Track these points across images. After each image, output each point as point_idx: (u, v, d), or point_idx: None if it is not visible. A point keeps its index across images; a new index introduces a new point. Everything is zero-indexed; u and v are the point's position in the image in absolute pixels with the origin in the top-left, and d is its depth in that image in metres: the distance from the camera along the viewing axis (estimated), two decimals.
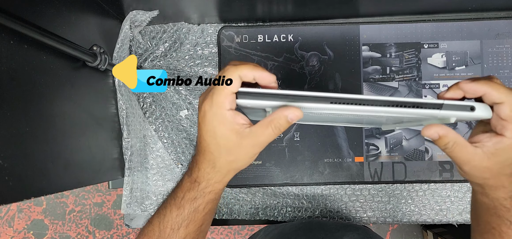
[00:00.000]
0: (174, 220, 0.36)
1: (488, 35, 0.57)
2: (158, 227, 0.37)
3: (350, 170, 0.58)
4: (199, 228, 0.38)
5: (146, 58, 0.59)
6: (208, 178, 0.36)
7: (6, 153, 0.31)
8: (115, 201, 1.47)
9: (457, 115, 0.32)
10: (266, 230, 0.52)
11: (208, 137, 0.34)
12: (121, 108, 0.53)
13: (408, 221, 0.59)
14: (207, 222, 0.39)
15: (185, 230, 0.36)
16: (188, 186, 0.37)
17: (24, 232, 1.47)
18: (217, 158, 0.34)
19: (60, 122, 0.40)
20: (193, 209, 0.36)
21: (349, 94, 0.31)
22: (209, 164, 0.35)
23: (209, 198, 0.37)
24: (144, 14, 0.54)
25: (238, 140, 0.33)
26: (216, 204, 0.39)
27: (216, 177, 0.36)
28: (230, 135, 0.32)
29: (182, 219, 0.36)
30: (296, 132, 0.58)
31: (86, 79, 0.47)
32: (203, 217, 0.37)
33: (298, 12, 0.57)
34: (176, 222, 0.36)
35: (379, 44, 0.58)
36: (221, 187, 0.37)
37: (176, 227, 0.36)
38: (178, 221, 0.36)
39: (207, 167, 0.36)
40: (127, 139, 0.53)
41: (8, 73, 0.32)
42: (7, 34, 0.32)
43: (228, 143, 0.33)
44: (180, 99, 0.60)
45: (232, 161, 0.35)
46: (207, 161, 0.35)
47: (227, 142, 0.33)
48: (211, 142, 0.34)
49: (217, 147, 0.34)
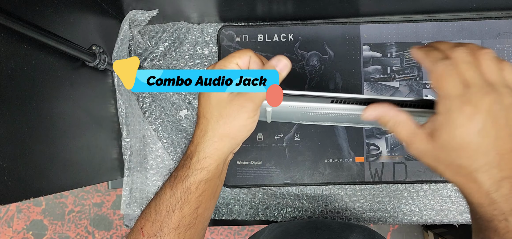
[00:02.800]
0: (168, 201, 0.35)
1: (489, 34, 0.57)
2: (154, 210, 0.36)
3: (351, 170, 0.58)
4: (195, 211, 0.36)
5: (146, 58, 0.59)
6: (199, 150, 0.35)
7: (5, 153, 0.31)
8: (114, 201, 1.47)
9: None
10: (270, 228, 0.52)
11: (203, 100, 0.35)
12: (121, 108, 0.53)
13: (409, 221, 0.59)
14: (204, 205, 0.37)
15: (180, 212, 0.35)
16: (182, 164, 0.36)
17: (24, 232, 1.47)
18: (209, 121, 0.35)
19: (59, 122, 0.40)
20: (185, 189, 0.35)
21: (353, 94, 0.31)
22: (201, 132, 0.35)
23: (201, 176, 0.35)
24: (143, 13, 0.54)
25: (229, 97, 0.34)
26: (211, 186, 0.37)
27: (207, 150, 0.35)
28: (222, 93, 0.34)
29: (175, 200, 0.35)
30: (296, 132, 0.58)
31: (86, 79, 0.46)
32: (196, 199, 0.36)
33: (298, 11, 0.57)
34: (170, 203, 0.35)
35: (380, 43, 0.58)
36: (214, 164, 0.36)
37: (171, 209, 0.35)
38: (172, 203, 0.35)
39: (199, 136, 0.35)
40: (127, 139, 0.53)
41: (7, 73, 0.31)
42: (6, 33, 0.31)
43: (219, 101, 0.34)
44: (179, 99, 0.60)
45: (224, 124, 0.34)
46: (199, 130, 0.35)
47: (218, 100, 0.34)
48: (205, 104, 0.35)
49: (209, 107, 0.34)
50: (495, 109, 0.26)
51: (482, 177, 0.27)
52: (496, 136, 0.26)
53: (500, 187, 0.27)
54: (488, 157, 0.27)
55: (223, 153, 0.36)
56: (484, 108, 0.26)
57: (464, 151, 0.27)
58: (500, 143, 0.26)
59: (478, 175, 0.27)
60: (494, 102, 0.26)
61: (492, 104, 0.26)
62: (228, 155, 0.38)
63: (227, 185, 0.59)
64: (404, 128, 0.30)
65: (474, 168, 0.27)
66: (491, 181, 0.27)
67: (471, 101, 0.26)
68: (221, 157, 0.36)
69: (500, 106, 0.26)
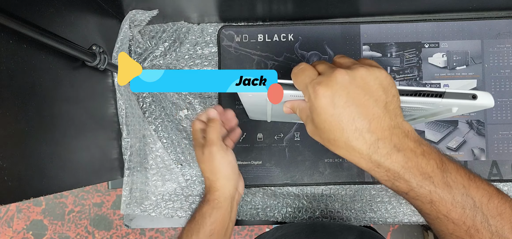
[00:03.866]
0: (188, 225, 0.45)
1: (489, 34, 0.57)
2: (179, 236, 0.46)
3: (351, 170, 0.58)
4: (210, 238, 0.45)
5: (146, 58, 0.59)
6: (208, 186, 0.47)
7: (5, 153, 0.31)
8: (114, 201, 1.46)
9: (459, 104, 0.32)
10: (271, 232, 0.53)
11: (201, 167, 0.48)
12: (121, 108, 0.53)
13: (409, 221, 0.59)
14: (217, 233, 0.45)
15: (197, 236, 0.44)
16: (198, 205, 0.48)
17: (24, 233, 1.47)
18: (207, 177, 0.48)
19: (59, 122, 0.40)
20: (201, 215, 0.45)
21: None
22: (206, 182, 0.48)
23: (213, 205, 0.45)
24: (143, 13, 0.54)
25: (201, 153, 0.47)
26: (222, 215, 0.46)
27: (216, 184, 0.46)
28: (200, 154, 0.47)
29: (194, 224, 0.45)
30: (296, 132, 0.58)
31: (86, 79, 0.46)
32: (211, 224, 0.44)
33: (298, 11, 0.57)
34: (189, 228, 0.45)
35: (380, 43, 0.58)
36: (222, 196, 0.46)
37: (189, 234, 0.44)
38: (191, 227, 0.45)
39: (206, 185, 0.48)
40: (127, 138, 0.53)
41: (7, 73, 0.31)
42: (6, 34, 0.31)
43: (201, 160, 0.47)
44: (179, 99, 0.60)
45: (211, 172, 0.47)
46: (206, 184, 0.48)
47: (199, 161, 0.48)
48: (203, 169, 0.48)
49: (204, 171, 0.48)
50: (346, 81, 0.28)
51: (357, 143, 0.28)
52: (357, 103, 0.28)
53: (377, 148, 0.28)
54: (355, 123, 0.28)
55: (226, 187, 0.46)
56: (334, 83, 0.28)
57: (332, 124, 0.29)
58: (364, 109, 0.28)
59: (353, 143, 0.28)
60: (344, 75, 0.28)
61: (342, 77, 0.28)
62: (234, 192, 0.48)
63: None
64: (303, 112, 0.33)
65: (346, 137, 0.29)
66: (367, 145, 0.28)
67: (322, 82, 0.29)
68: (226, 191, 0.47)
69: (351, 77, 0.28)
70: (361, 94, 0.28)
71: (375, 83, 0.29)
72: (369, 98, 0.28)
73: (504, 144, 0.57)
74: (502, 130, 0.57)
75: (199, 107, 0.60)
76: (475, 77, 0.57)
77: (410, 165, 0.28)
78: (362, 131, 0.28)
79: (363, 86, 0.28)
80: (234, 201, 0.48)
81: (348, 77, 0.28)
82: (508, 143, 0.57)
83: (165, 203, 0.60)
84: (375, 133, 0.28)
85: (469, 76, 0.57)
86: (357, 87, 0.28)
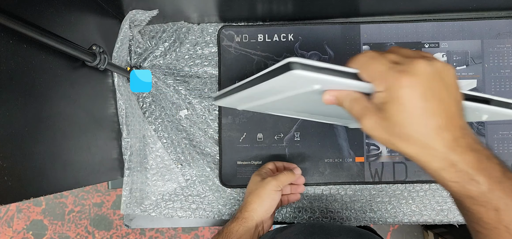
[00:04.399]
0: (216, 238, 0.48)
1: (489, 34, 0.57)
2: None
3: (351, 170, 0.58)
4: None
5: (146, 58, 0.59)
6: (243, 206, 0.51)
7: (5, 153, 0.31)
8: (114, 201, 1.46)
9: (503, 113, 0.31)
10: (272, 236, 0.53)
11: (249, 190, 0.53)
12: (121, 108, 0.53)
13: (409, 221, 0.59)
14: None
15: None
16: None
17: (24, 232, 1.46)
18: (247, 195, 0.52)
19: (59, 122, 0.40)
20: (228, 230, 0.48)
21: None
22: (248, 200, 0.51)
23: (241, 222, 0.49)
24: (143, 13, 0.54)
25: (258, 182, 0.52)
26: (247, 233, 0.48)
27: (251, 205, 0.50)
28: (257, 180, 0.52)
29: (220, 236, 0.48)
30: (296, 132, 0.58)
31: (86, 79, 0.46)
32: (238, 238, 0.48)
33: (298, 11, 0.57)
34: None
35: (380, 43, 0.58)
36: (250, 217, 0.49)
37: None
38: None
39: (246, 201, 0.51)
40: (127, 138, 0.53)
41: (7, 73, 0.31)
42: (7, 34, 0.31)
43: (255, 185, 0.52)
44: (179, 99, 0.60)
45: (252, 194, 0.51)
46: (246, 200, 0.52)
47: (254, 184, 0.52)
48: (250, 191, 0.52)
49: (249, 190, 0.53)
50: (429, 73, 0.26)
51: (435, 141, 0.26)
52: (439, 98, 0.26)
53: (455, 147, 0.26)
54: (437, 120, 0.26)
55: (257, 212, 0.49)
56: (419, 73, 0.26)
57: (414, 118, 0.26)
58: (444, 105, 0.26)
59: (431, 140, 0.26)
60: (427, 66, 0.26)
61: (426, 68, 0.26)
62: (260, 221, 0.50)
63: (227, 185, 0.59)
64: (358, 103, 0.30)
65: (426, 133, 0.26)
66: (444, 142, 0.26)
67: (405, 70, 0.26)
68: (255, 215, 0.49)
69: (433, 69, 0.26)
70: (442, 89, 0.26)
71: (451, 79, 0.27)
72: (448, 94, 0.26)
73: (504, 144, 0.57)
74: (502, 130, 0.57)
75: (199, 107, 0.60)
76: (475, 77, 0.57)
77: (482, 167, 0.26)
78: (442, 128, 0.26)
79: (442, 80, 0.26)
80: (258, 228, 0.50)
81: (430, 69, 0.26)
82: (508, 143, 0.57)
83: (165, 203, 0.60)
84: (452, 131, 0.26)
85: (469, 76, 0.57)
86: (439, 81, 0.26)
